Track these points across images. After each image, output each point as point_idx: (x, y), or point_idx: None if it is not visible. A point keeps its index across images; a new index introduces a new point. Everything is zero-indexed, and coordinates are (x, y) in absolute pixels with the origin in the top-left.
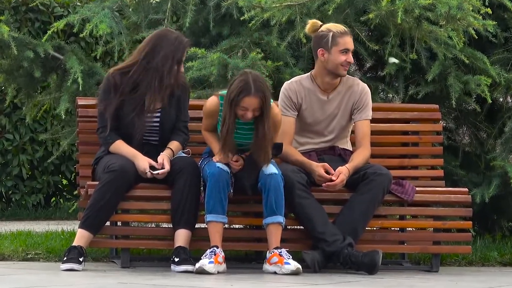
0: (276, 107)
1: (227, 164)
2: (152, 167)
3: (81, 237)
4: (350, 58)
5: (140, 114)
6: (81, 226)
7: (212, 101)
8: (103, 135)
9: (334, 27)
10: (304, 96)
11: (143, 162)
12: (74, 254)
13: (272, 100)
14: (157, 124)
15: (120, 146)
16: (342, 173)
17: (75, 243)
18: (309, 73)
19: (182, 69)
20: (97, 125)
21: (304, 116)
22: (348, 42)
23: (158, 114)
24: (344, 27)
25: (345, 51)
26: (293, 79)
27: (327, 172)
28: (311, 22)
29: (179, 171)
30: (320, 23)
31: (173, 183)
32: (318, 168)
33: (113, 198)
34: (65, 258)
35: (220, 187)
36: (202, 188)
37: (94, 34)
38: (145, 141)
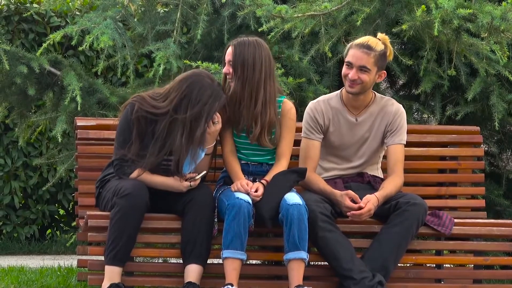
0: (289, 103)
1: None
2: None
3: (113, 275)
4: (352, 75)
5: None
6: (111, 263)
7: None
8: (119, 165)
9: (361, 38)
10: (331, 117)
11: (177, 183)
12: None
13: (284, 97)
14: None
15: (143, 177)
16: (370, 201)
17: (114, 281)
18: (338, 91)
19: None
20: (114, 156)
21: (330, 140)
22: (353, 55)
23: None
24: (366, 42)
25: (347, 64)
26: (319, 98)
27: (353, 201)
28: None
29: (190, 200)
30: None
31: (183, 213)
32: (343, 198)
33: (135, 222)
34: None
35: (240, 220)
36: (215, 220)
37: (95, 47)
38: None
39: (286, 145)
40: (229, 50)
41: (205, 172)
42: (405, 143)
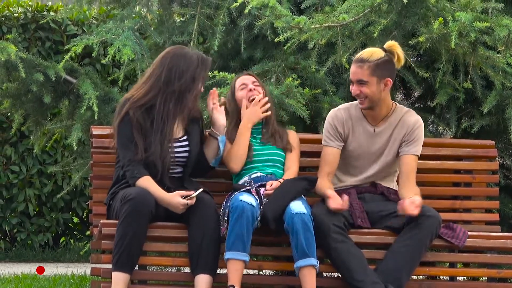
0: (294, 132)
1: (259, 196)
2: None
3: (118, 281)
4: (354, 90)
5: (167, 149)
6: (114, 269)
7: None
8: (130, 168)
9: (360, 53)
10: (351, 126)
11: (175, 200)
12: None
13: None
14: (186, 155)
15: (147, 184)
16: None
17: None
18: (358, 101)
19: (202, 89)
20: (122, 159)
21: (349, 149)
22: (351, 71)
23: (186, 143)
24: (359, 56)
25: (351, 81)
26: (340, 106)
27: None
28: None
29: (193, 210)
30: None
31: (188, 223)
32: (329, 200)
33: (139, 227)
34: None
35: (243, 222)
36: (221, 228)
37: (117, 60)
38: (169, 175)
39: (295, 158)
40: (247, 76)
41: (201, 189)
42: (419, 155)
